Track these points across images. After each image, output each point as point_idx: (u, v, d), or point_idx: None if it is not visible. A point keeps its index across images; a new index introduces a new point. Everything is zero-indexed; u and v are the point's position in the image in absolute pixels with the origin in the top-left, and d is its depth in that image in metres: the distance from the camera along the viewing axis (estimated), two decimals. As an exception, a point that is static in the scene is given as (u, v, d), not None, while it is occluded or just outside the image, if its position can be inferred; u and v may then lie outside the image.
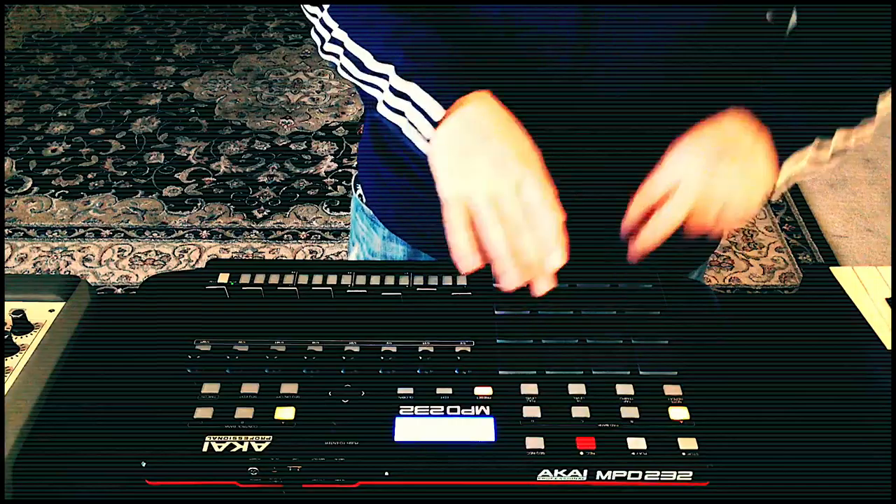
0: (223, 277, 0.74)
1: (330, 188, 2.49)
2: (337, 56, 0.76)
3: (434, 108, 0.68)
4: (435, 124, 0.68)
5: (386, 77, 0.71)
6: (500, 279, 0.65)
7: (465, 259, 0.64)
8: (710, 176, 0.68)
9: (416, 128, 0.70)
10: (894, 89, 0.75)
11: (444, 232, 0.67)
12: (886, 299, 0.79)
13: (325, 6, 0.76)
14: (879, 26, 0.75)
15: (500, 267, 0.64)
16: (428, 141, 0.69)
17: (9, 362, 0.69)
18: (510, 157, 0.66)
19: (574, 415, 0.63)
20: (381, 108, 0.73)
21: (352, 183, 1.02)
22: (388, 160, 0.90)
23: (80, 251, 2.24)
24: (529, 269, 0.65)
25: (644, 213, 0.70)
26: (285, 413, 0.63)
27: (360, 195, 0.99)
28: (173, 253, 2.24)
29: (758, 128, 0.71)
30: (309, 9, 0.79)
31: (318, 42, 0.78)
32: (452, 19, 0.74)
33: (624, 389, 0.65)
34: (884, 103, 0.77)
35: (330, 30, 0.76)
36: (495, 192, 0.64)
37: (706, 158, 0.69)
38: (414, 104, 0.69)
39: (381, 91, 0.72)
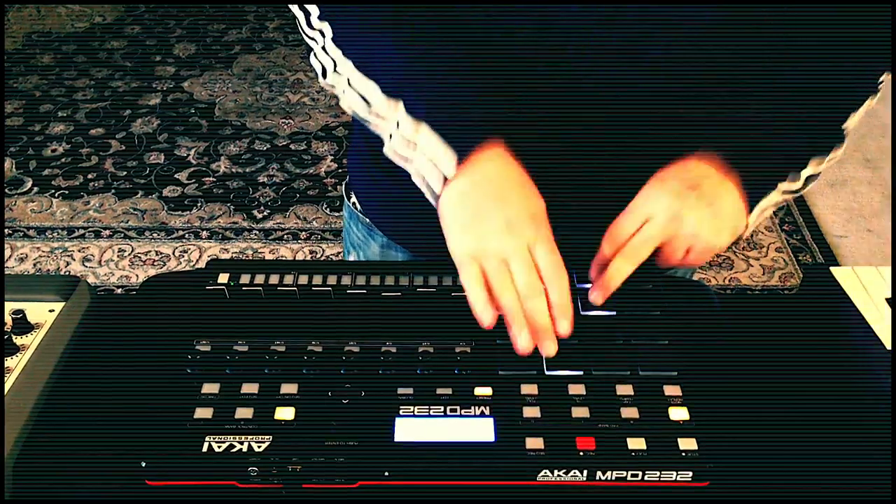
0: (223, 277, 0.74)
1: (330, 188, 2.49)
2: (342, 88, 0.73)
3: (447, 162, 0.67)
4: (446, 178, 0.67)
5: (395, 122, 0.70)
6: (514, 341, 0.65)
7: (483, 315, 0.64)
8: (679, 210, 0.69)
9: (425, 179, 0.69)
10: (894, 92, 0.75)
11: (446, 239, 0.67)
12: (886, 299, 0.79)
13: (328, 35, 0.73)
14: (843, 53, 0.75)
15: (515, 331, 0.65)
16: (435, 194, 0.68)
17: (9, 362, 0.69)
18: (523, 219, 0.66)
19: (574, 415, 0.63)
20: (388, 152, 0.72)
21: (343, 190, 1.01)
22: (383, 168, 0.88)
23: (80, 251, 2.24)
24: (540, 332, 0.65)
25: (615, 251, 0.70)
26: (285, 413, 0.63)
27: (353, 203, 0.97)
28: (173, 253, 2.24)
29: (725, 170, 0.72)
30: (308, 32, 0.75)
31: (319, 70, 0.75)
32: (470, 52, 0.72)
33: (624, 389, 0.65)
34: (851, 124, 0.77)
35: (333, 60, 0.73)
36: (507, 254, 0.65)
37: (674, 194, 0.70)
38: (424, 153, 0.68)
39: (390, 136, 0.71)
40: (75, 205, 2.41)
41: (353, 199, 0.97)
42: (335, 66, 0.73)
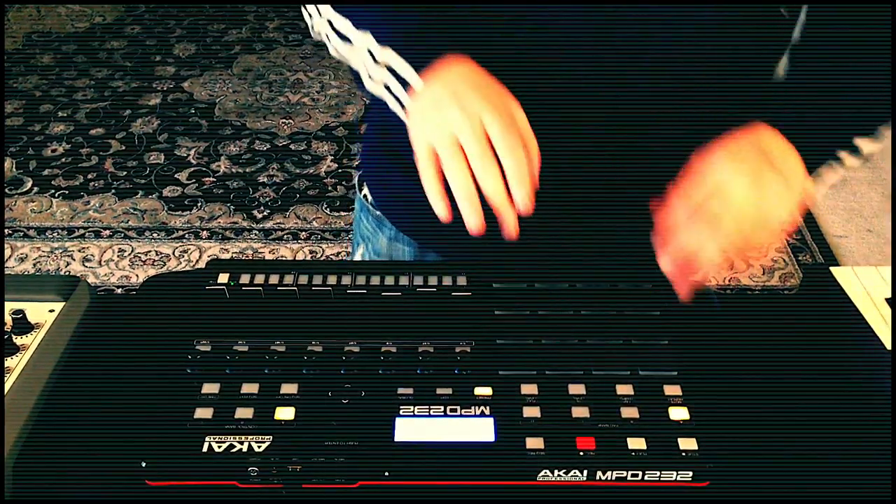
0: (223, 277, 0.74)
1: (330, 188, 2.49)
2: (328, 35, 0.76)
3: (411, 75, 0.68)
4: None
5: (368, 50, 0.71)
6: (466, 222, 0.62)
7: (437, 205, 0.63)
8: (757, 187, 0.65)
9: (397, 98, 0.70)
10: (894, 93, 0.74)
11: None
12: (886, 299, 0.79)
13: None
14: (882, 32, 0.74)
15: (462, 208, 0.62)
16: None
17: (9, 362, 0.69)
18: (475, 96, 0.64)
19: (574, 415, 0.63)
20: (367, 84, 0.73)
21: (355, 182, 1.02)
22: (394, 159, 0.89)
23: (80, 251, 2.24)
24: (495, 206, 0.62)
25: (687, 216, 0.66)
26: (285, 413, 0.63)
27: (364, 195, 0.98)
28: (173, 253, 2.24)
29: (785, 142, 0.69)
30: None
31: (309, 22, 0.79)
32: (455, 41, 0.73)
33: (624, 389, 0.65)
34: None
35: (318, 9, 0.76)
36: (456, 129, 0.63)
37: (750, 167, 0.66)
38: (393, 73, 0.69)
39: (364, 66, 0.72)
40: (75, 205, 2.41)
41: (365, 190, 0.98)
42: (321, 11, 0.75)
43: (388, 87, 0.71)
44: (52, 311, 0.75)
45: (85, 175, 2.53)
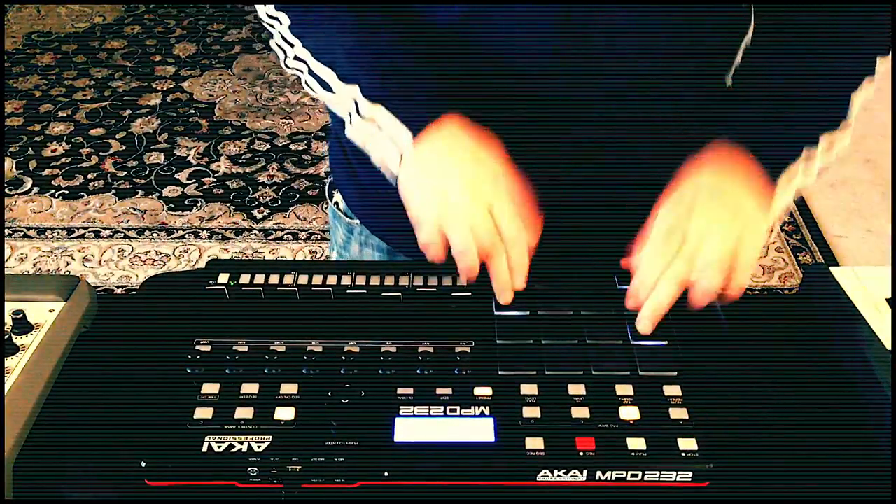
0: (223, 277, 0.74)
1: (330, 188, 2.49)
2: (301, 72, 0.74)
3: (403, 138, 0.68)
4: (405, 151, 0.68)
5: (354, 103, 0.71)
6: (460, 276, 0.69)
7: (434, 258, 0.68)
8: (706, 228, 0.68)
9: (384, 161, 0.70)
10: (894, 92, 0.75)
11: (408, 209, 0.69)
12: (886, 299, 0.79)
13: (285, 23, 0.74)
14: (844, 26, 0.75)
15: (463, 280, 0.69)
16: (394, 174, 0.69)
17: (9, 362, 0.69)
18: (483, 180, 0.67)
19: (574, 415, 0.63)
20: (349, 132, 0.73)
21: (326, 191, 1.01)
22: (362, 160, 0.87)
23: (80, 251, 2.24)
24: (498, 285, 0.69)
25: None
26: (285, 413, 0.63)
27: (335, 203, 0.97)
28: (173, 253, 2.24)
29: (741, 160, 0.70)
30: (266, 19, 0.77)
31: (281, 56, 0.76)
32: (420, 32, 0.73)
33: (624, 390, 0.65)
34: (857, 101, 0.76)
35: (291, 45, 0.74)
36: (470, 221, 0.66)
37: (700, 209, 0.68)
38: (383, 131, 0.69)
39: (350, 118, 0.72)
40: (75, 205, 2.41)
41: (337, 197, 0.97)
42: (295, 53, 0.75)
43: (373, 141, 0.71)
44: (52, 311, 0.75)
45: (85, 175, 2.53)
